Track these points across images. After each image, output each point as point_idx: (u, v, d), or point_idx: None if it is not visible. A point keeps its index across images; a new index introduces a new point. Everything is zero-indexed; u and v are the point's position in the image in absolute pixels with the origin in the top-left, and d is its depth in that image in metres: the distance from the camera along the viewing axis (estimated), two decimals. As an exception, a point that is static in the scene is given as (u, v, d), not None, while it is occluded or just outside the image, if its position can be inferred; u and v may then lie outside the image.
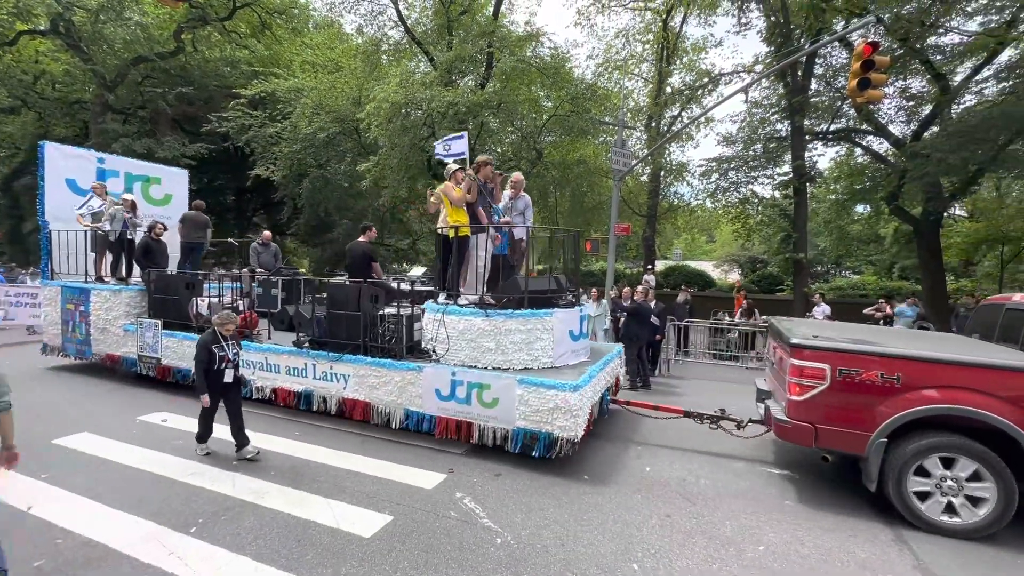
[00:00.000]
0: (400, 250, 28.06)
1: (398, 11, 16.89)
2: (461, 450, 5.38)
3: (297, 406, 6.33)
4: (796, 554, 3.66)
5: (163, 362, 7.34)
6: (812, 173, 16.64)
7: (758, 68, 16.70)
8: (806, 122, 15.72)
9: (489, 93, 14.79)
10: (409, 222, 26.35)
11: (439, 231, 6.10)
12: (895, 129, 15.96)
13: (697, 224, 27.75)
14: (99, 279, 8.32)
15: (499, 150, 19.90)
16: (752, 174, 18.37)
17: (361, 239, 7.12)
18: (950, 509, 3.98)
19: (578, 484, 4.70)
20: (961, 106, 14.08)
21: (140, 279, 8.21)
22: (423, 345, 5.83)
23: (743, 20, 16.06)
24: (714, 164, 18.52)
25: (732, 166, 18.16)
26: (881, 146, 16.53)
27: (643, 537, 3.79)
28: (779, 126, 16.96)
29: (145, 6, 19.80)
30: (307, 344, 6.33)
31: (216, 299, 7.82)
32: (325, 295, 9.00)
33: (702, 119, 19.04)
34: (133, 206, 8.45)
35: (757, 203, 19.66)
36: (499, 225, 6.25)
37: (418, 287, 8.80)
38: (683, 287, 15.00)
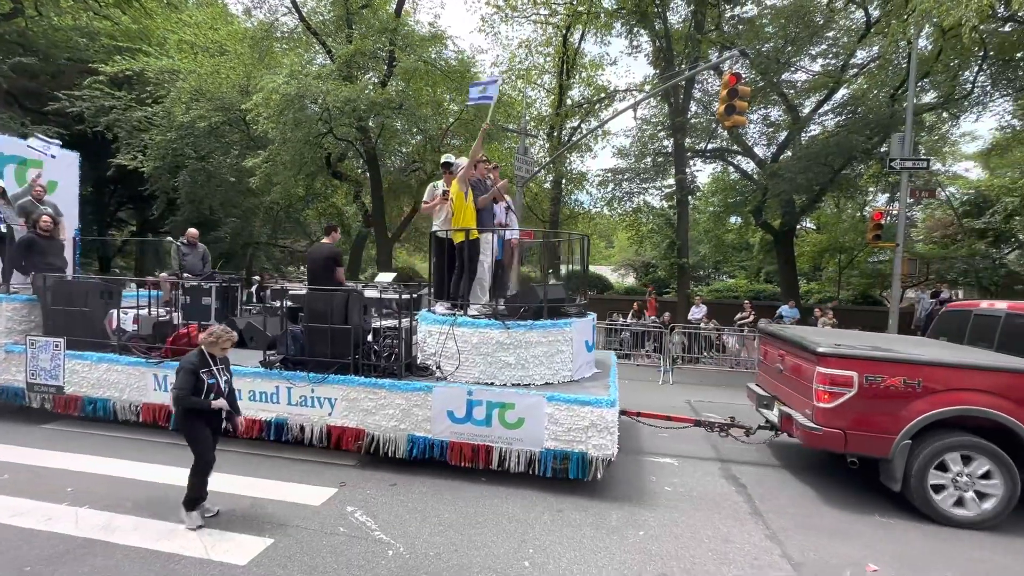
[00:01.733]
0: (296, 252, 26.23)
1: (292, -3, 15.85)
2: (354, 461, 5.15)
3: (264, 437, 5.32)
4: (670, 535, 4.00)
5: (67, 391, 5.92)
6: (693, 187, 18.42)
7: (647, 88, 18.14)
8: (687, 140, 17.35)
9: (391, 92, 14.41)
10: (307, 222, 24.79)
11: (438, 233, 5.64)
12: (759, 151, 18.22)
13: (596, 230, 29.34)
14: None
15: (403, 151, 19.48)
16: (643, 185, 19.93)
17: (325, 240, 6.45)
18: (959, 503, 4.34)
19: (476, 486, 4.72)
20: (808, 135, 16.46)
21: (25, 287, 6.59)
22: (419, 361, 5.24)
23: (634, 43, 17.32)
24: (610, 175, 19.79)
25: (626, 177, 19.54)
26: (749, 165, 18.76)
27: (536, 534, 3.91)
28: (665, 143, 18.55)
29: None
30: (279, 364, 5.36)
31: (145, 311, 6.47)
32: (279, 305, 7.62)
33: (599, 132, 20.21)
34: (2, 193, 6.82)
35: (648, 212, 21.32)
36: (516, 228, 5.89)
37: (388, 295, 7.83)
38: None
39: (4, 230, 6.77)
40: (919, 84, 13.80)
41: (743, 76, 9.28)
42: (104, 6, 19.86)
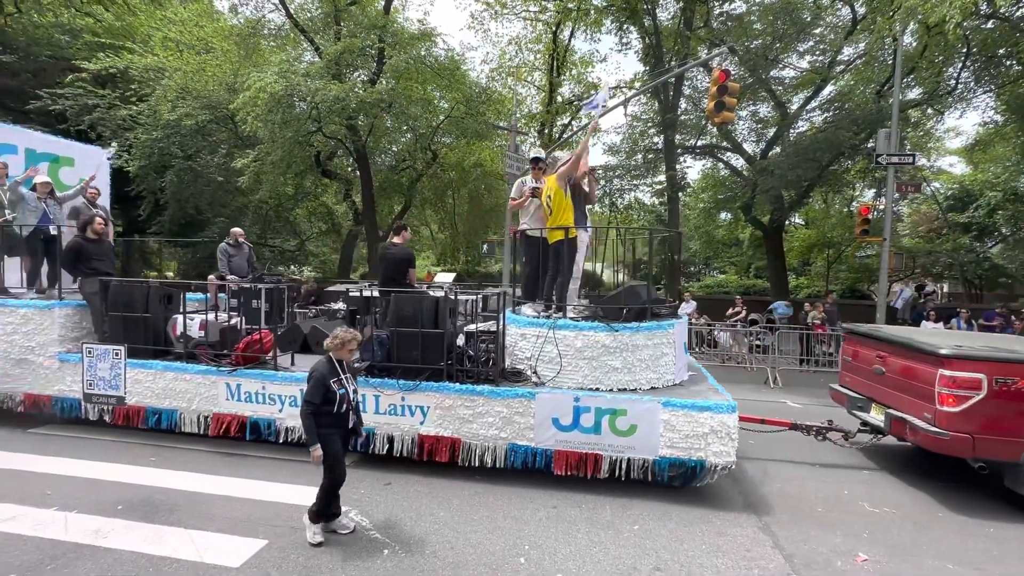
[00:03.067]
0: (287, 251, 26.04)
1: (279, -7, 15.67)
2: (349, 461, 5.12)
3: (351, 448, 4.96)
4: (663, 528, 4.03)
5: (129, 401, 5.59)
6: (683, 183, 18.51)
7: (637, 85, 18.19)
8: (677, 137, 17.43)
9: (381, 90, 14.31)
10: (296, 221, 24.58)
11: (527, 231, 5.36)
12: (748, 147, 18.36)
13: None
14: (1, 291, 6.27)
15: (394, 149, 19.38)
16: (634, 182, 20.00)
17: (395, 240, 6.24)
18: None
19: (471, 484, 4.72)
20: (796, 131, 16.62)
21: (73, 292, 6.21)
22: (508, 366, 4.95)
23: (624, 40, 17.37)
24: (601, 171, 19.81)
25: (617, 174, 19.60)
26: (738, 162, 18.90)
27: (531, 531, 3.92)
28: (656, 139, 18.63)
29: (-55, -49, 16.15)
30: (365, 371, 5.05)
31: (214, 315, 5.97)
32: (340, 309, 7.33)
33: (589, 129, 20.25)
34: (51, 192, 6.48)
35: (639, 208, 21.41)
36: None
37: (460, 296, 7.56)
38: None
39: (54, 232, 6.45)
40: (904, 80, 14.00)
41: (732, 73, 9.33)
42: (86, 3, 19.51)
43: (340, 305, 7.72)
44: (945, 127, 20.99)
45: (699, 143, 18.59)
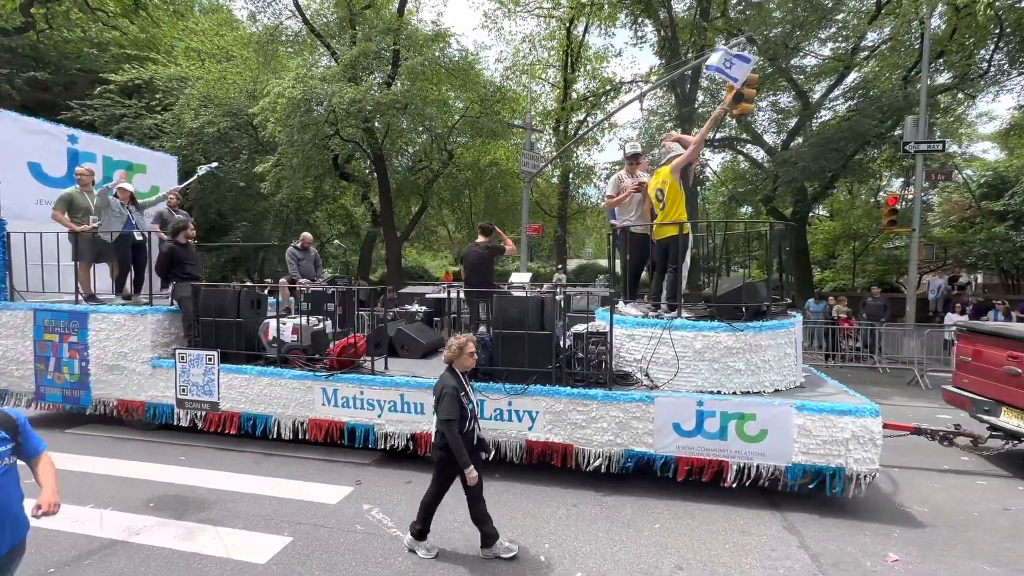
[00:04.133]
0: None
1: (295, 0, 15.93)
2: (369, 459, 5.20)
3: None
4: (685, 527, 3.98)
5: (223, 407, 5.56)
6: (702, 177, 18.22)
7: (653, 79, 17.96)
8: (694, 130, 17.14)
9: (396, 92, 14.43)
10: (316, 224, 24.99)
11: (628, 227, 5.18)
12: (769, 138, 17.97)
13: (606, 224, 29.21)
14: (90, 298, 6.30)
15: (410, 150, 19.52)
16: (651, 177, 19.76)
17: (481, 240, 6.18)
18: None
19: (490, 482, 4.72)
20: (819, 120, 16.19)
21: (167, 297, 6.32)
22: (608, 367, 4.72)
23: (639, 33, 17.15)
24: (618, 167, 19.63)
25: (634, 169, 19.38)
26: (758, 154, 18.51)
27: (551, 529, 3.92)
28: (673, 133, 18.36)
29: (-19, -27, 16.85)
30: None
31: (305, 320, 5.78)
32: (417, 311, 7.32)
33: (605, 124, 20.07)
34: (132, 199, 6.58)
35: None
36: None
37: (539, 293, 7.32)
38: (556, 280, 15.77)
39: (139, 238, 6.51)
40: (933, 65, 13.51)
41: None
42: (112, 16, 20.14)
43: (416, 307, 7.62)
44: (977, 112, 20.24)
45: (718, 136, 18.26)
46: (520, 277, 8.72)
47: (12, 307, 6.31)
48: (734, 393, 4.47)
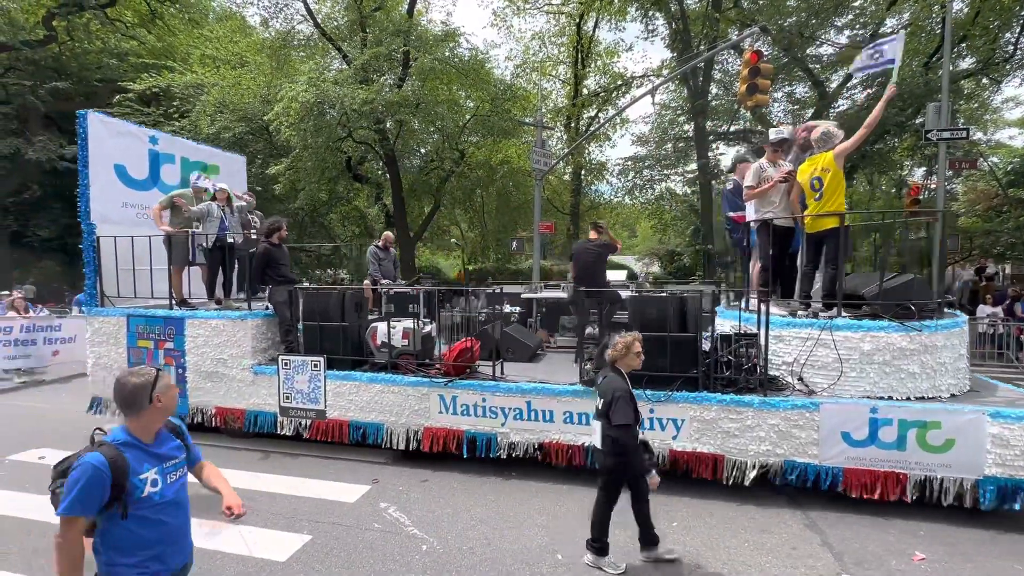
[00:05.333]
0: (323, 256, 26.80)
1: (306, 4, 16.11)
2: (385, 458, 5.24)
3: (583, 463, 4.63)
4: (704, 525, 3.94)
5: (330, 415, 5.31)
6: (716, 171, 17.99)
7: (665, 72, 17.77)
8: (708, 123, 16.95)
9: (407, 92, 14.52)
10: (331, 226, 25.27)
11: (777, 221, 4.83)
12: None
13: (618, 220, 29.01)
14: (182, 303, 6.17)
15: (422, 150, 19.63)
16: (664, 172, 19.59)
17: (593, 236, 5.90)
18: None
19: (506, 481, 4.74)
20: (836, 110, 15.85)
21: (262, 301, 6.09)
22: (763, 371, 4.38)
23: (650, 27, 16.99)
24: (630, 163, 19.52)
25: (646, 164, 19.24)
26: (774, 146, 18.19)
27: (567, 527, 3.90)
28: (686, 127, 18.17)
29: (5, -12, 17.35)
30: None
31: (416, 324, 5.48)
32: (511, 312, 7.00)
33: (617, 120, 19.95)
34: (228, 200, 6.33)
35: (670, 199, 20.96)
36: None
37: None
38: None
39: (232, 241, 6.26)
40: (955, 50, 13.13)
41: (765, 53, 8.98)
42: (130, 26, 20.60)
43: (509, 308, 7.36)
44: (1003, 97, 19.60)
45: (731, 129, 18.03)
46: (616, 275, 8.30)
47: (104, 313, 6.12)
48: (907, 399, 4.11)
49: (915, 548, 3.61)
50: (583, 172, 21.36)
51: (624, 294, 6.17)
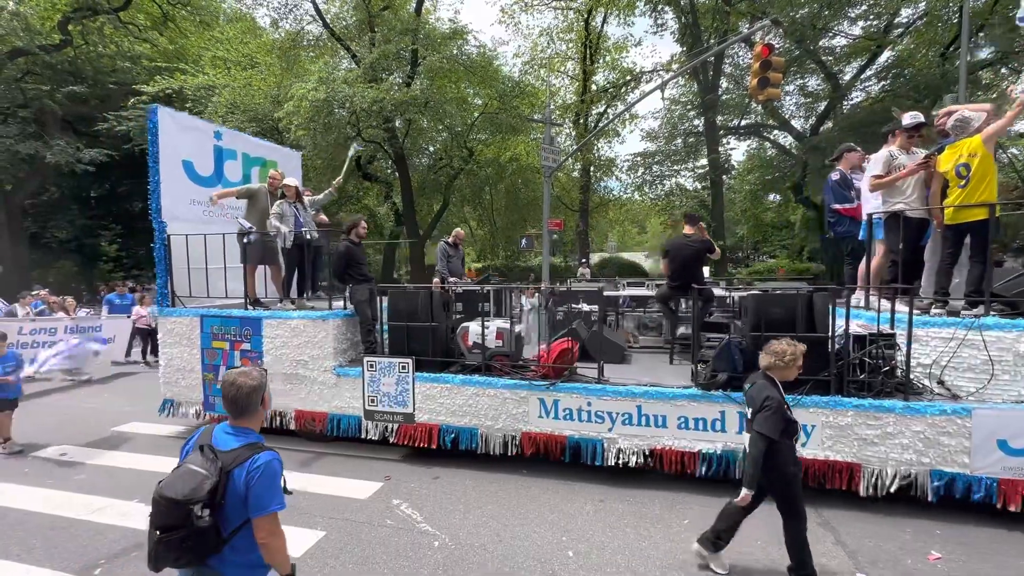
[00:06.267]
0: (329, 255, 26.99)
1: (315, 5, 16.21)
2: (398, 455, 5.29)
3: (693, 472, 4.41)
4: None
5: (419, 419, 5.09)
6: (727, 166, 17.84)
7: (675, 67, 17.61)
8: (719, 118, 16.79)
9: (416, 91, 14.57)
10: (341, 225, 25.45)
11: (909, 213, 4.53)
12: (797, 124, 17.45)
13: (628, 216, 28.90)
14: (255, 302, 5.97)
15: (431, 149, 19.68)
16: (674, 167, 19.45)
17: (688, 231, 5.65)
18: None
19: (517, 477, 4.76)
20: (850, 103, 15.62)
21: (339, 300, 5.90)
22: (905, 374, 4.10)
23: (659, 21, 16.88)
24: (639, 159, 19.40)
25: (656, 160, 19.12)
26: (786, 140, 17.97)
27: (578, 524, 3.92)
28: (696, 122, 18.01)
29: (21, -7, 17.68)
30: (723, 385, 4.32)
31: (510, 324, 5.25)
32: (591, 311, 6.61)
33: (626, 115, 19.83)
34: (298, 195, 6.15)
35: (680, 194, 20.80)
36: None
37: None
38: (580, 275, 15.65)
39: (309, 238, 6.08)
40: (973, 39, 12.83)
41: (776, 46, 8.86)
42: (143, 30, 20.88)
43: (587, 307, 7.12)
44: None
45: (743, 123, 17.84)
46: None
47: (176, 313, 5.99)
48: None
49: (931, 547, 3.57)
50: (592, 168, 21.28)
51: (736, 293, 5.88)
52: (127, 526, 3.94)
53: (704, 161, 17.89)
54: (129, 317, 10.26)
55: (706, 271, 6.33)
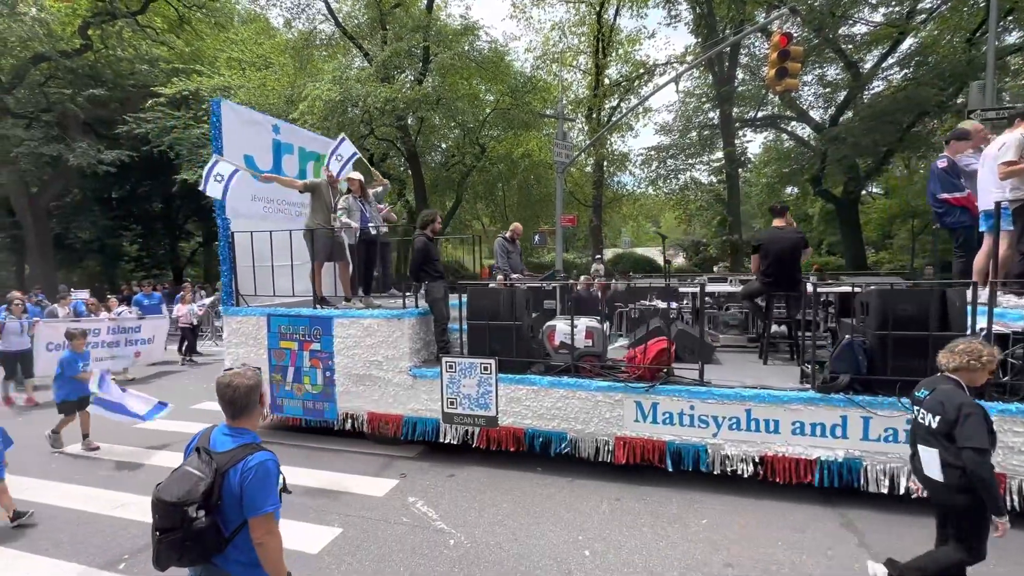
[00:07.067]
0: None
1: (327, 4, 16.30)
2: (413, 453, 5.31)
3: (811, 481, 4.13)
4: (735, 523, 3.86)
5: (503, 422, 4.86)
6: (743, 159, 17.53)
7: (689, 59, 17.34)
8: (735, 110, 16.50)
9: (428, 88, 14.57)
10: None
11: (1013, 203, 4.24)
12: (815, 114, 17.06)
13: (642, 211, 28.60)
14: (321, 301, 5.78)
15: (443, 146, 19.70)
16: (689, 161, 19.18)
17: (778, 223, 5.45)
18: None
19: (533, 475, 4.75)
20: (871, 92, 15.21)
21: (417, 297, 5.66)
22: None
23: (672, 12, 16.62)
24: (653, 152, 19.17)
25: (670, 154, 18.88)
26: (804, 131, 17.60)
27: (594, 524, 3.88)
28: (711, 114, 17.72)
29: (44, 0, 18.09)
30: (845, 387, 4.03)
31: (601, 323, 5.05)
32: (671, 308, 6.33)
33: (640, 109, 19.59)
34: (362, 188, 5.94)
35: (695, 189, 20.52)
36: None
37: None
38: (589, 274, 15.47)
39: (374, 233, 5.87)
40: (1001, 23, 12.39)
41: (794, 35, 8.65)
42: (160, 32, 21.22)
43: (657, 303, 6.89)
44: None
45: (759, 114, 17.50)
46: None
47: (242, 312, 5.82)
48: None
49: (960, 550, 3.46)
50: (605, 163, 21.10)
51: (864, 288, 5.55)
52: (149, 522, 4.00)
53: (720, 154, 17.59)
54: (169, 316, 10.50)
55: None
